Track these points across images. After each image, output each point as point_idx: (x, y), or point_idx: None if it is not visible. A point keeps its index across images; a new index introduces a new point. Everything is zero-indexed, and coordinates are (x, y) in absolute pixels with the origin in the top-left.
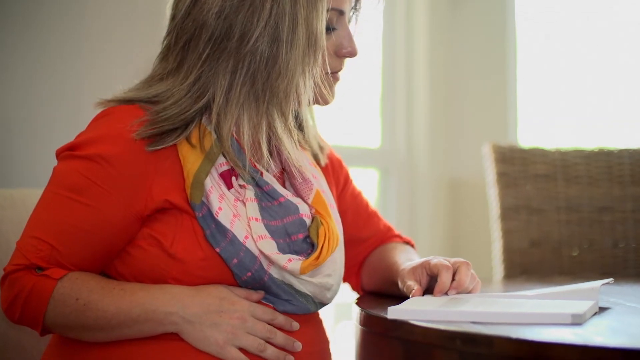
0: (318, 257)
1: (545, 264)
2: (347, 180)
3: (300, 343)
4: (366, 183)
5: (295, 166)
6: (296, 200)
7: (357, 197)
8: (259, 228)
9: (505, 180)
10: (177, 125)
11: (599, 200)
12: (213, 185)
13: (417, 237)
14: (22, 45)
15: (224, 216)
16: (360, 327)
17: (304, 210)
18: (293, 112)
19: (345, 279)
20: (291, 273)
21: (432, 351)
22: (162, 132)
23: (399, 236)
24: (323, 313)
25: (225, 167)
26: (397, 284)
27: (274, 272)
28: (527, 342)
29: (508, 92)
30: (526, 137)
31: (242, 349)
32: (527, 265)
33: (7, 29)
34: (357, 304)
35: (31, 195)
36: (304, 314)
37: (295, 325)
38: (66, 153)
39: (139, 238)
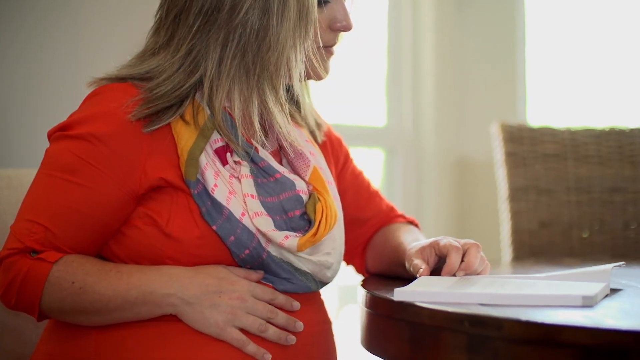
0: (315, 234)
1: (554, 246)
2: (347, 159)
3: (301, 323)
4: (371, 163)
5: (287, 140)
6: (292, 177)
7: (357, 177)
8: (255, 205)
9: (514, 160)
10: (172, 102)
11: (609, 181)
12: (208, 162)
13: (424, 219)
14: (18, 24)
15: (220, 193)
16: (365, 309)
17: (301, 186)
18: (284, 86)
19: (349, 261)
20: (288, 250)
21: (440, 334)
22: (157, 110)
23: (402, 216)
24: (327, 296)
25: (220, 144)
26: (404, 266)
27: (272, 250)
28: (537, 324)
29: (517, 69)
30: (535, 116)
31: (242, 330)
32: (537, 247)
33: (2, 7)
34: (362, 285)
35: (28, 175)
36: (305, 293)
37: (296, 305)
38: (58, 134)
39: (134, 217)
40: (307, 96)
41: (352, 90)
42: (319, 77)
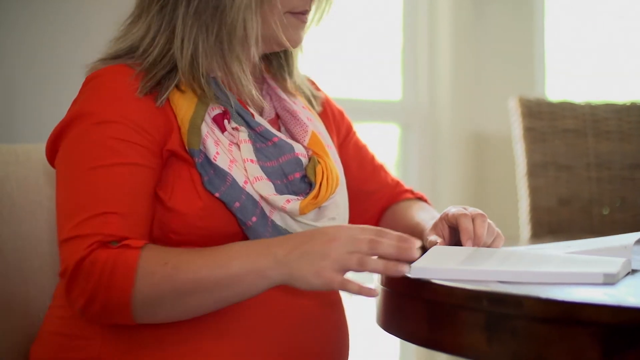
0: (317, 196)
1: (574, 223)
2: (349, 131)
3: (417, 244)
4: (386, 139)
5: (249, 98)
6: (290, 141)
7: (361, 150)
8: (255, 170)
9: (533, 135)
10: (167, 67)
11: (631, 157)
12: (208, 131)
13: (440, 196)
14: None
15: (222, 161)
16: (381, 287)
17: (300, 149)
18: (244, 48)
19: None
20: (290, 214)
21: (458, 312)
22: (158, 80)
23: (410, 191)
24: None
25: (217, 111)
26: (423, 247)
27: (276, 219)
28: (558, 302)
29: (536, 42)
30: (554, 90)
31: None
32: (555, 224)
33: None
34: None
35: (35, 150)
36: None
37: (412, 242)
38: (82, 128)
39: None
40: (294, 67)
41: (366, 64)
42: (285, 46)
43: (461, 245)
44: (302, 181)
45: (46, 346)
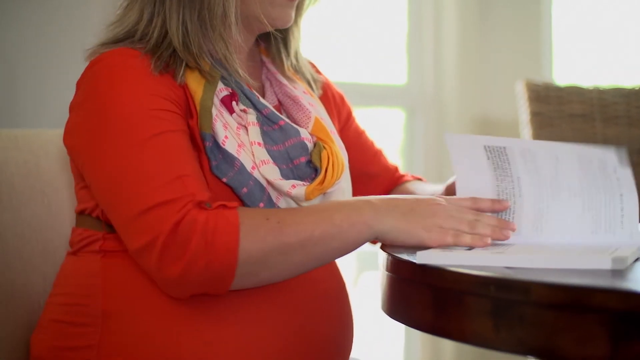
0: (323, 182)
1: None
2: (349, 116)
3: (514, 225)
4: (391, 124)
5: (242, 78)
6: (296, 126)
7: (361, 135)
8: (262, 153)
9: (540, 120)
10: (171, 48)
11: (639, 142)
12: (217, 114)
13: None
14: None
15: (231, 145)
16: (386, 273)
17: (305, 134)
18: (225, 28)
19: None
20: (296, 200)
21: (464, 298)
22: (167, 58)
23: (407, 175)
24: (344, 262)
25: (225, 92)
26: None
27: (282, 205)
28: (566, 288)
29: (543, 25)
30: (562, 74)
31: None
32: None
33: None
34: (383, 249)
35: (35, 135)
36: None
37: (505, 204)
38: (109, 106)
39: None
40: (295, 50)
41: (371, 48)
42: (273, 25)
43: None
44: (307, 166)
45: (46, 334)
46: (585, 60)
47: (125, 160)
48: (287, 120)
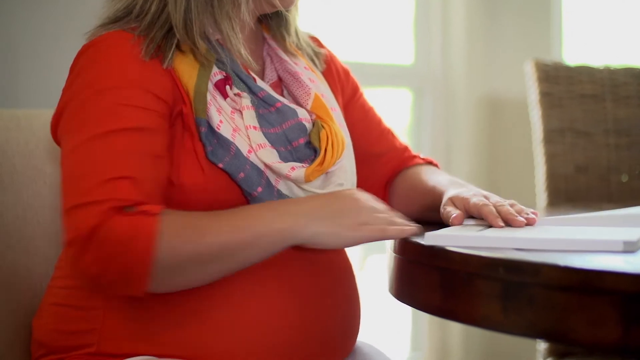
0: (322, 162)
1: (591, 191)
2: (355, 91)
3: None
4: (398, 104)
5: (243, 58)
6: (294, 106)
7: (368, 112)
8: (258, 137)
9: (549, 100)
10: (165, 27)
11: None
12: (211, 98)
13: (453, 163)
14: None
15: (225, 130)
16: (394, 255)
17: (303, 114)
18: (234, 6)
19: None
20: (295, 182)
21: (473, 280)
22: (159, 40)
23: (418, 156)
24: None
25: (219, 77)
26: (438, 209)
27: (282, 188)
28: (576, 270)
29: (552, 3)
30: (572, 54)
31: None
32: (572, 192)
33: None
34: None
35: (37, 116)
36: None
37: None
38: (84, 95)
39: None
40: (294, 25)
41: (378, 27)
42: (277, 6)
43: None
44: (306, 147)
45: (48, 318)
46: (595, 39)
47: (75, 153)
48: (284, 101)
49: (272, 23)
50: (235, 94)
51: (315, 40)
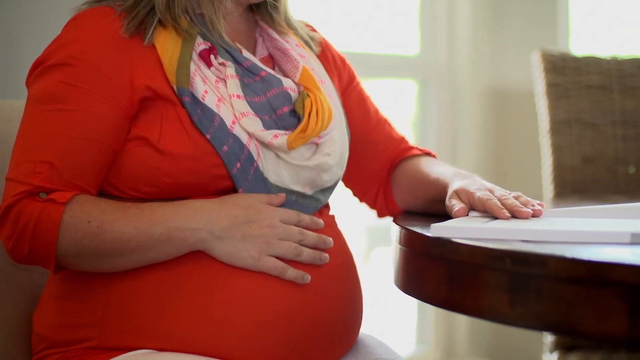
0: (305, 129)
1: (599, 182)
2: (352, 79)
3: (330, 239)
4: (403, 95)
5: (226, 42)
6: (280, 76)
7: (365, 100)
8: (242, 105)
9: (556, 91)
10: (148, 6)
11: None
12: (195, 68)
13: (459, 155)
14: None
15: (210, 100)
16: (400, 247)
17: (289, 84)
18: None
19: (362, 197)
20: (278, 150)
21: (479, 272)
22: (142, 18)
23: (416, 148)
24: (355, 237)
25: (203, 46)
26: (443, 201)
27: (262, 165)
28: (584, 262)
29: None
30: (579, 44)
31: (277, 257)
32: (579, 183)
33: None
34: (396, 222)
35: None
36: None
37: (320, 222)
38: (39, 69)
39: (127, 142)
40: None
41: (383, 17)
42: None
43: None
44: (291, 115)
45: (48, 312)
46: (603, 30)
47: (20, 128)
48: (270, 71)
49: (262, 8)
50: (220, 63)
51: (309, 27)
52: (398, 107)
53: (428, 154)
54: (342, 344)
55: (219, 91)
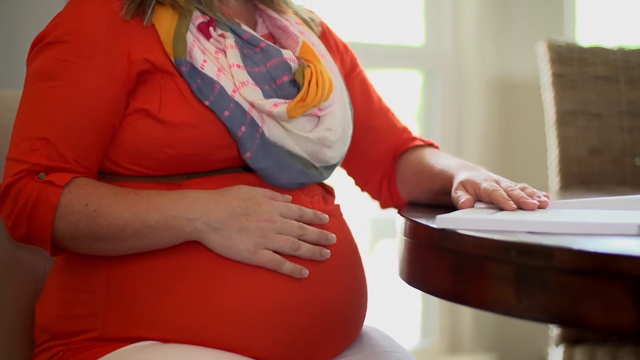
0: (305, 98)
1: (605, 174)
2: (355, 65)
3: (333, 235)
4: (408, 86)
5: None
6: (279, 48)
7: (367, 87)
8: (242, 75)
9: (562, 82)
10: None
11: None
12: (194, 40)
13: (464, 146)
14: None
15: (210, 69)
16: (405, 238)
17: (289, 55)
18: None
19: (364, 186)
20: (278, 118)
21: (485, 263)
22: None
23: (419, 138)
24: (360, 229)
25: (201, 19)
26: (449, 193)
27: (267, 132)
28: (591, 253)
29: None
30: (585, 35)
31: (275, 251)
32: (586, 175)
33: None
34: (401, 213)
35: None
36: (326, 210)
37: (325, 217)
38: (37, 48)
39: (127, 116)
40: None
41: (387, 7)
42: None
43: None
44: (290, 85)
45: (50, 302)
46: (609, 20)
47: (21, 103)
48: (270, 43)
49: None
50: (219, 35)
51: (309, 11)
52: (403, 97)
53: (431, 144)
54: (346, 334)
55: (218, 62)
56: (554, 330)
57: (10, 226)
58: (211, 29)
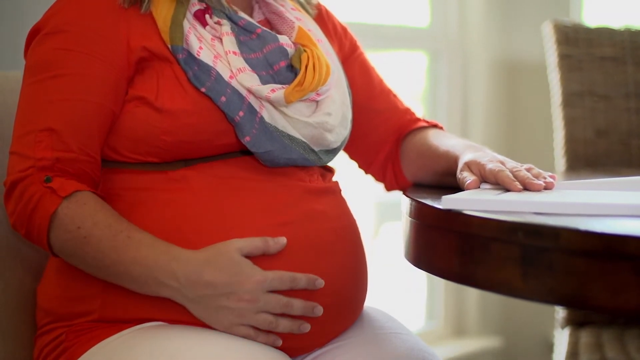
0: (302, 83)
1: (611, 156)
2: (354, 48)
3: (321, 307)
4: (413, 67)
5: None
6: (275, 33)
7: (369, 69)
8: (238, 61)
9: (569, 63)
10: None
11: None
12: (190, 27)
13: (470, 128)
14: None
15: (206, 56)
16: (410, 219)
17: (285, 40)
18: None
19: (367, 169)
20: (276, 104)
21: (491, 244)
22: None
23: (422, 120)
24: (364, 212)
25: (198, 7)
26: (454, 174)
27: (266, 116)
28: (598, 234)
29: None
30: (592, 15)
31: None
32: (592, 156)
33: None
34: (406, 194)
35: None
36: (322, 187)
37: (320, 282)
38: (35, 40)
39: (125, 104)
40: None
41: None
42: None
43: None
44: (287, 70)
45: (51, 285)
46: (616, 0)
47: (21, 96)
48: (266, 29)
49: None
50: (215, 22)
51: None
52: (408, 79)
53: (435, 125)
54: (349, 311)
55: (214, 49)
56: (560, 313)
57: (13, 223)
58: (207, 16)
